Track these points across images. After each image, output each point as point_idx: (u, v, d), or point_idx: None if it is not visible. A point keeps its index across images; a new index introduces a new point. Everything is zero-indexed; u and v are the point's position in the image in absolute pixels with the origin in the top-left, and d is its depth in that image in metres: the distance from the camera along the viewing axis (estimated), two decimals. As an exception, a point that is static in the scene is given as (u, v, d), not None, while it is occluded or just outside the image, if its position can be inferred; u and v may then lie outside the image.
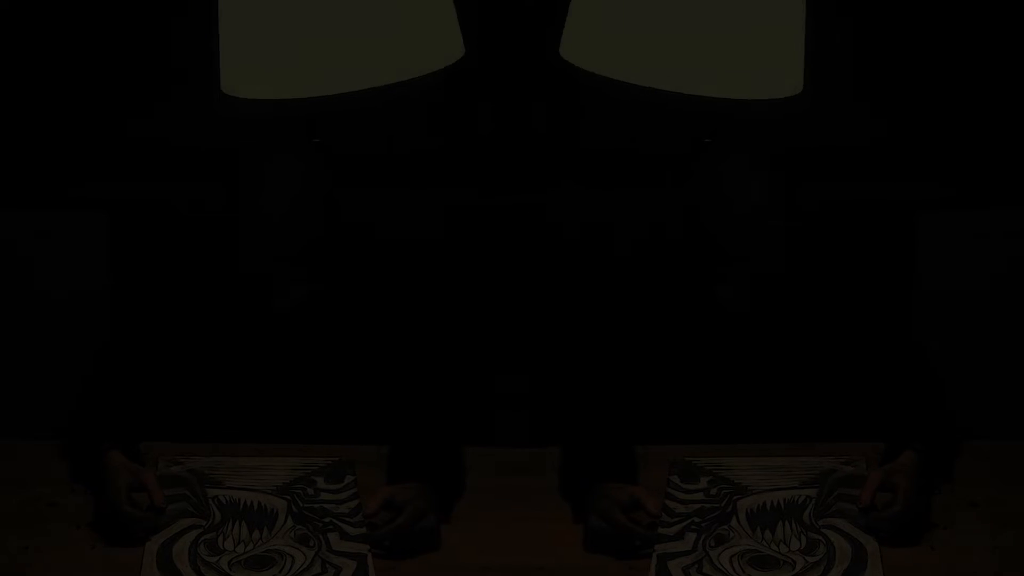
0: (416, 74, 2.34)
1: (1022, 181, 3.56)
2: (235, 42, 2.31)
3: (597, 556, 2.68)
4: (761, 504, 2.78)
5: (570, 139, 3.57)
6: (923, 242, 3.53)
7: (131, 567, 2.63)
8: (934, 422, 2.87)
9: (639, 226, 3.57)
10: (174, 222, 3.54)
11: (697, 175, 2.93)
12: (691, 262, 2.99)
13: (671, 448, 2.92)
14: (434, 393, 2.97)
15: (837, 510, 2.76)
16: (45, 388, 3.50)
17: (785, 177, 2.93)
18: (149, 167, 3.57)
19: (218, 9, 2.32)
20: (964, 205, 3.53)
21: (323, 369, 2.99)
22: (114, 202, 3.56)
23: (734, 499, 2.79)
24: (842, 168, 3.54)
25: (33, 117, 3.55)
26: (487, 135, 3.52)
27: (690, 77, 2.23)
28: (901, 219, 3.55)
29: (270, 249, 2.92)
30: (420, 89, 2.45)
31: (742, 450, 2.91)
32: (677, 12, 2.20)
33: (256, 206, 2.90)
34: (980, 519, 2.75)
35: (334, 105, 2.41)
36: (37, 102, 3.54)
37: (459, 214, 3.57)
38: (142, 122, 3.53)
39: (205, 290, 3.03)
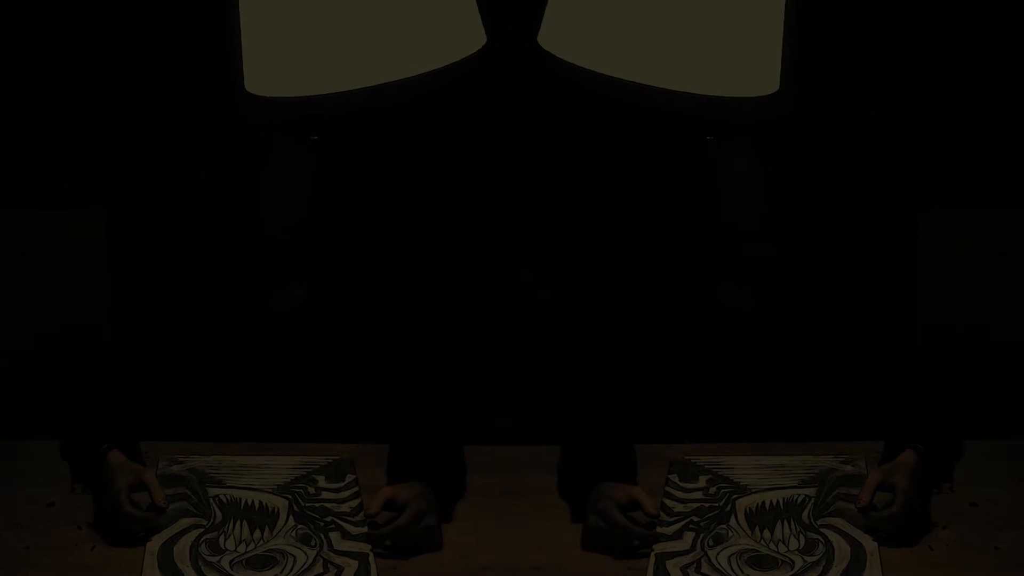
0: (437, 65, 2.34)
1: (1022, 180, 3.56)
2: (257, 42, 2.32)
3: (596, 555, 2.68)
4: (760, 503, 2.78)
5: (570, 137, 3.57)
6: (923, 242, 3.52)
7: (132, 567, 2.63)
8: (934, 422, 2.87)
9: (639, 226, 3.57)
10: (174, 222, 3.53)
11: (698, 174, 2.94)
12: (691, 262, 2.99)
13: (670, 447, 2.92)
14: (434, 392, 2.98)
15: (836, 510, 2.76)
16: (45, 388, 3.50)
17: (785, 177, 2.93)
18: (149, 166, 3.57)
19: (238, 10, 2.33)
20: (964, 205, 3.53)
21: (324, 368, 2.99)
22: (113, 201, 3.56)
23: (733, 498, 2.79)
24: (843, 167, 3.54)
25: (33, 116, 3.55)
26: (487, 134, 3.52)
27: (667, 72, 2.23)
28: (901, 219, 3.54)
29: (270, 249, 2.93)
30: (444, 79, 2.45)
31: (741, 449, 2.91)
32: (654, 6, 2.20)
33: (256, 206, 2.90)
34: (980, 519, 2.75)
35: (359, 99, 2.40)
36: (35, 98, 3.54)
37: (459, 214, 3.57)
38: (142, 120, 3.53)
39: (205, 290, 3.03)
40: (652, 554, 2.67)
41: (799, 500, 2.79)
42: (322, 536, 2.71)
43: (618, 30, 2.21)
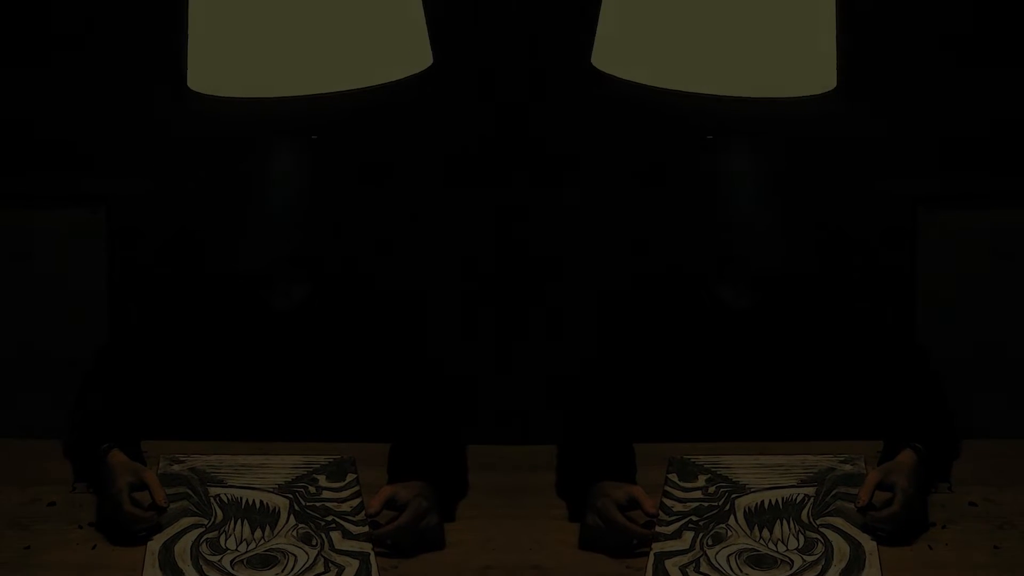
0: (381, 81, 2.33)
1: (1022, 179, 3.56)
2: (202, 39, 2.31)
3: (595, 555, 2.68)
4: (759, 503, 2.78)
5: (570, 138, 3.57)
6: (923, 241, 3.53)
7: (133, 566, 2.63)
8: (933, 421, 2.87)
9: (639, 225, 3.57)
10: (174, 221, 3.54)
11: (698, 174, 2.94)
12: (691, 261, 3.00)
13: (669, 446, 2.92)
14: (435, 391, 2.98)
15: (835, 509, 2.76)
16: (45, 388, 3.50)
17: (785, 177, 2.93)
18: (149, 165, 3.58)
19: (188, 5, 2.32)
20: (964, 205, 3.54)
21: (324, 368, 3.00)
22: (114, 200, 3.56)
23: (732, 498, 2.79)
24: (843, 167, 3.54)
25: (33, 114, 3.56)
26: (487, 134, 3.53)
27: (728, 78, 2.22)
28: (902, 218, 3.55)
29: (270, 249, 2.93)
30: (389, 96, 2.45)
31: (740, 448, 2.91)
32: (707, 14, 2.20)
33: (256, 205, 2.91)
34: (979, 519, 2.75)
35: (302, 107, 2.40)
36: (34, 96, 3.54)
37: (460, 214, 3.57)
38: (142, 118, 3.53)
39: (206, 289, 3.04)
40: (651, 553, 2.67)
41: (798, 499, 2.79)
42: (323, 535, 2.71)
43: (672, 42, 2.20)
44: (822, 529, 2.72)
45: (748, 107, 2.28)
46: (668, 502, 2.78)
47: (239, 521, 2.74)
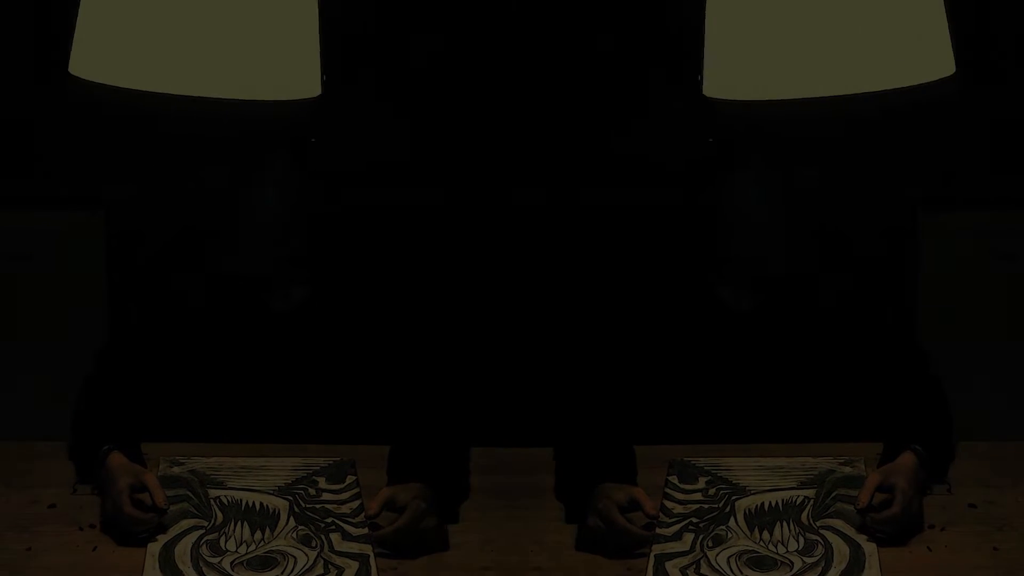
0: (260, 97, 2.31)
1: (1022, 180, 3.56)
2: (91, 25, 2.30)
3: (595, 556, 2.68)
4: (759, 505, 2.78)
5: (570, 140, 3.57)
6: (924, 242, 3.53)
7: (133, 568, 2.63)
8: (933, 423, 2.87)
9: (640, 226, 3.57)
10: (173, 222, 3.54)
11: (698, 175, 2.94)
12: (692, 262, 3.00)
13: (669, 448, 2.92)
14: (435, 393, 2.98)
15: (835, 511, 2.76)
16: (45, 388, 3.51)
17: (785, 177, 2.93)
18: (149, 166, 3.58)
19: None
20: (964, 205, 3.54)
21: (324, 369, 3.00)
22: (113, 202, 3.56)
23: (732, 499, 2.79)
24: (843, 167, 3.54)
25: (34, 114, 3.56)
26: (488, 135, 3.53)
27: (841, 78, 2.22)
28: (902, 219, 3.55)
29: (270, 250, 2.93)
30: (269, 116, 2.44)
31: (740, 450, 2.92)
32: (809, 19, 2.20)
33: (256, 207, 2.91)
34: (978, 519, 2.75)
35: (179, 107, 2.38)
36: (38, 98, 3.54)
37: (460, 214, 3.57)
38: (143, 120, 3.53)
39: (205, 291, 3.04)
40: (651, 555, 2.67)
41: (798, 501, 2.79)
42: (323, 537, 2.71)
43: (783, 53, 2.21)
44: (822, 531, 2.72)
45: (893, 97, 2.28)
46: (668, 504, 2.79)
47: (239, 523, 2.74)
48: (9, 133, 3.56)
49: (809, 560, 2.65)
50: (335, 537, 2.71)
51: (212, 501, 2.79)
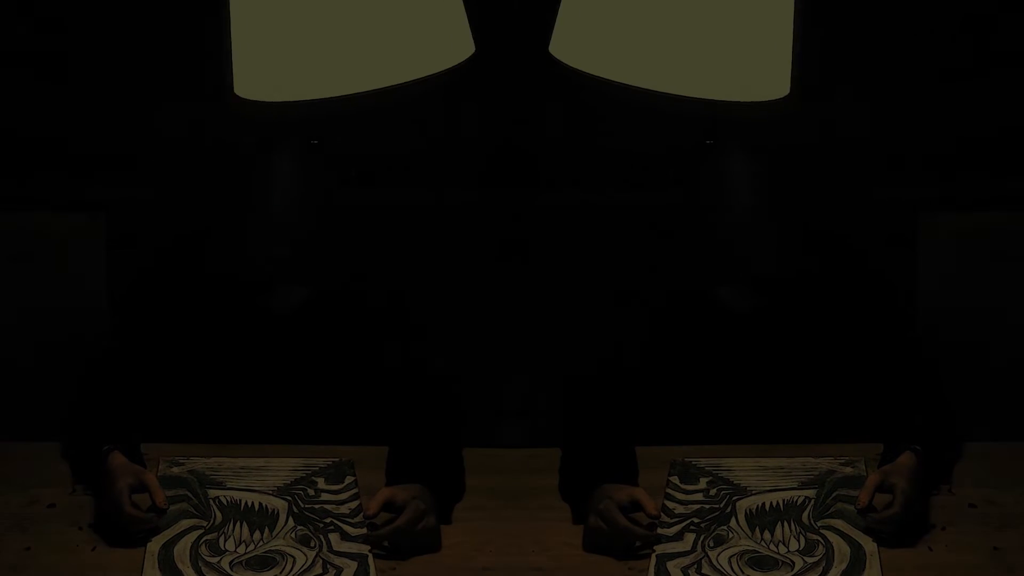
0: (426, 73, 2.35)
1: (1022, 181, 3.56)
2: (247, 45, 2.33)
3: (597, 557, 2.69)
4: (760, 505, 2.78)
5: (570, 140, 3.57)
6: (923, 242, 3.52)
7: (132, 568, 2.63)
8: (933, 423, 2.87)
9: (640, 226, 3.57)
10: (174, 223, 3.53)
11: (698, 176, 2.94)
12: (691, 262, 2.99)
13: (670, 449, 2.92)
14: (434, 394, 2.98)
15: (836, 511, 2.76)
16: (45, 388, 3.50)
17: (785, 178, 2.93)
18: (150, 166, 3.57)
19: (229, 11, 2.34)
20: (964, 205, 3.53)
21: (324, 370, 3.00)
22: (114, 202, 3.56)
23: (733, 500, 2.79)
24: (842, 168, 3.54)
25: (34, 115, 3.55)
26: (489, 136, 3.53)
27: (677, 78, 2.24)
28: (902, 219, 3.54)
29: (270, 250, 2.93)
30: (432, 87, 2.47)
31: (741, 451, 2.92)
32: (665, 13, 2.21)
33: (256, 207, 2.91)
34: (979, 520, 2.75)
35: (346, 106, 2.42)
36: (38, 99, 3.54)
37: (460, 214, 3.57)
38: (143, 121, 3.53)
39: (205, 291, 3.03)
40: (653, 555, 2.67)
41: (799, 501, 2.79)
42: (321, 537, 2.71)
43: (628, 37, 2.22)
44: (823, 531, 2.72)
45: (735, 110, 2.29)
46: (670, 504, 2.79)
47: (238, 523, 2.74)
48: (9, 133, 3.55)
49: (810, 560, 2.65)
50: (334, 537, 2.71)
51: (211, 501, 2.79)
